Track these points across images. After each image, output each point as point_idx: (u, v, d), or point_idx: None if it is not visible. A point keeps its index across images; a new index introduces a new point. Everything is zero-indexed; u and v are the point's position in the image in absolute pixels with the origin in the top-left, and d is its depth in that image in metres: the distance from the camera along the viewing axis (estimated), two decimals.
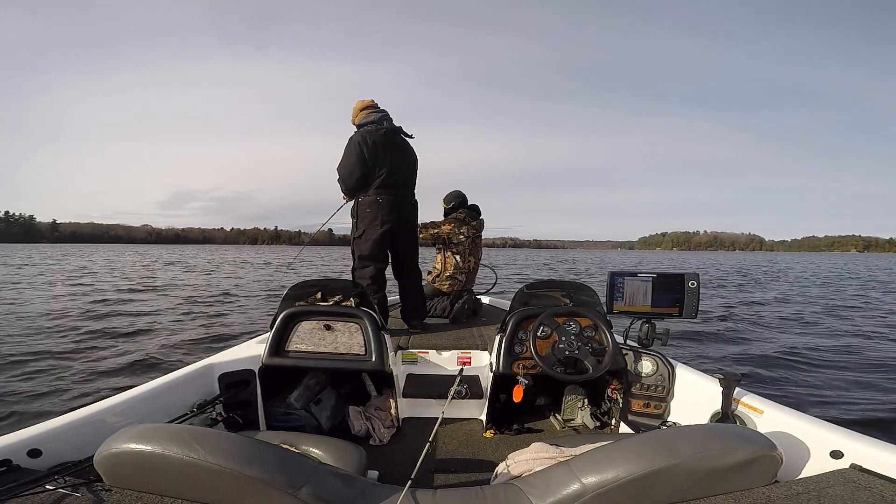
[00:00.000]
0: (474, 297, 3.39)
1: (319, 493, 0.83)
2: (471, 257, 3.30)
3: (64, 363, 4.61)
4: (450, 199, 3.44)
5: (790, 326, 7.48)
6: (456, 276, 3.26)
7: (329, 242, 34.61)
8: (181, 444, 0.80)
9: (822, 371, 4.81)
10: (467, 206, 3.44)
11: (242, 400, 1.89)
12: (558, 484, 0.88)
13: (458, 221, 3.31)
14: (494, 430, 2.12)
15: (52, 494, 0.84)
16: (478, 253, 3.35)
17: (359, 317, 1.99)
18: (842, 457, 1.12)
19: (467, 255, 3.29)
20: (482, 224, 3.39)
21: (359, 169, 2.57)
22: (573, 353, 1.89)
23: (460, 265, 3.27)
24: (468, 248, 3.30)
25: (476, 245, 3.34)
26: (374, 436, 2.03)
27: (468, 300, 3.20)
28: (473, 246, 3.32)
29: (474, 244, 3.33)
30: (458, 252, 3.27)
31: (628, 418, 1.94)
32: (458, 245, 3.27)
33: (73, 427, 1.21)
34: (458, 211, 3.37)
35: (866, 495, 0.86)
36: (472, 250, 3.32)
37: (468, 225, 3.32)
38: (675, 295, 1.87)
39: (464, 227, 3.30)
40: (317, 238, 3.84)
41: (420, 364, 2.35)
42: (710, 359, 5.27)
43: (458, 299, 3.17)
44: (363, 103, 2.75)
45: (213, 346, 5.53)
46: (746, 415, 1.47)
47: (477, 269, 3.40)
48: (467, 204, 3.45)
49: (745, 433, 0.94)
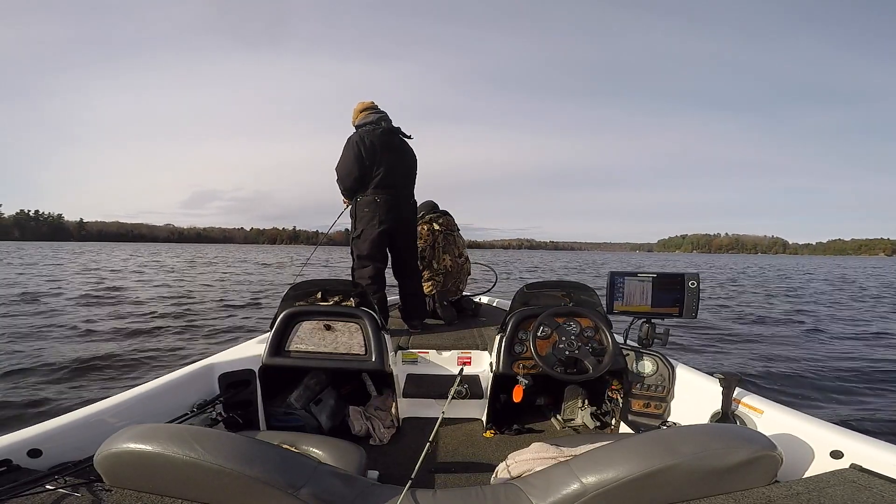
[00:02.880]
0: (464, 298, 3.39)
1: (319, 493, 0.83)
2: (444, 255, 3.30)
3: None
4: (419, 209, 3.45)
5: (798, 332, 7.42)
6: (434, 277, 3.28)
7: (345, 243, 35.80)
8: (181, 444, 0.80)
9: (823, 371, 4.82)
10: (437, 211, 3.46)
11: (242, 400, 1.89)
12: (558, 484, 0.88)
13: (421, 222, 3.32)
14: (494, 430, 2.12)
15: (52, 494, 0.84)
16: (452, 251, 3.34)
17: (359, 317, 1.99)
18: (842, 457, 1.12)
19: (441, 255, 3.29)
20: (449, 221, 3.38)
21: (356, 168, 2.58)
22: (573, 354, 1.89)
23: (434, 266, 3.28)
24: (441, 246, 3.31)
25: (449, 243, 3.33)
26: (375, 436, 2.03)
27: (457, 301, 3.20)
28: (446, 243, 3.32)
29: (447, 241, 3.33)
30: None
31: (628, 418, 1.94)
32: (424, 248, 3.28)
33: (74, 427, 1.21)
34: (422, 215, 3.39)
35: (866, 495, 0.86)
36: (446, 248, 3.31)
37: (429, 224, 3.32)
38: (676, 295, 1.87)
39: (425, 226, 3.31)
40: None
41: (420, 364, 2.35)
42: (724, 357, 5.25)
43: (444, 299, 3.17)
44: (363, 105, 2.77)
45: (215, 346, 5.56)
46: (746, 415, 1.47)
47: (458, 266, 3.37)
48: (437, 209, 3.47)
49: (746, 433, 0.94)
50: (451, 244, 3.34)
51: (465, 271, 3.44)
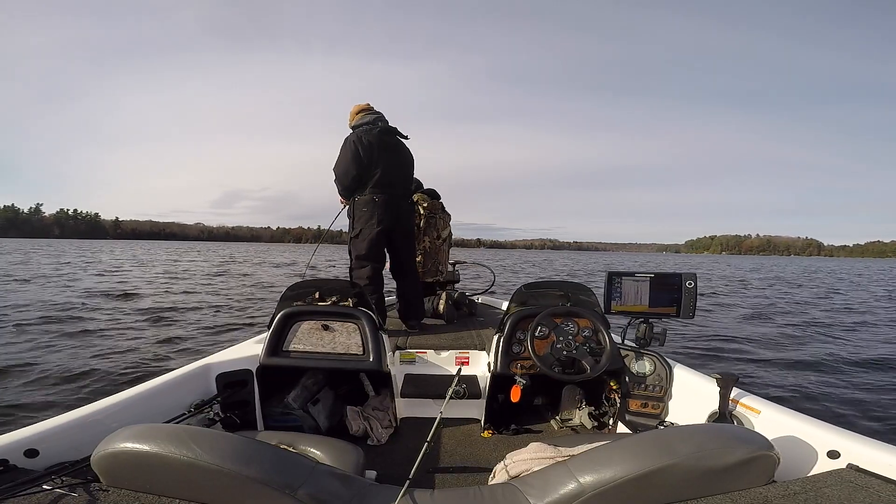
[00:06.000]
0: (454, 294, 3.37)
1: (317, 493, 0.83)
2: (425, 237, 3.28)
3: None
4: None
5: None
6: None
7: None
8: (178, 444, 0.80)
9: (823, 371, 4.83)
10: (422, 190, 3.43)
11: (240, 400, 1.89)
12: (556, 484, 0.88)
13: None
14: (492, 431, 2.12)
15: (49, 494, 0.83)
16: (432, 233, 3.31)
17: (357, 317, 1.99)
18: (839, 457, 1.13)
19: (421, 236, 3.27)
20: (434, 205, 3.35)
21: (354, 167, 2.58)
22: (571, 354, 1.89)
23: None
24: (423, 228, 3.29)
25: (430, 225, 3.31)
26: (373, 436, 2.02)
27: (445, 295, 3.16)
28: (427, 226, 3.30)
29: (428, 224, 3.31)
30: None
31: (626, 418, 1.94)
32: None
33: (70, 427, 1.20)
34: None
35: (863, 495, 0.86)
36: (427, 230, 3.29)
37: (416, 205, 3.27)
38: (673, 294, 1.88)
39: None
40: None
41: (418, 364, 2.35)
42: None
43: (448, 299, 3.14)
44: (359, 107, 2.78)
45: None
46: (744, 415, 1.47)
47: (437, 248, 3.34)
48: (423, 188, 3.44)
49: (743, 433, 0.94)
50: (432, 227, 3.33)
51: (443, 252, 3.42)
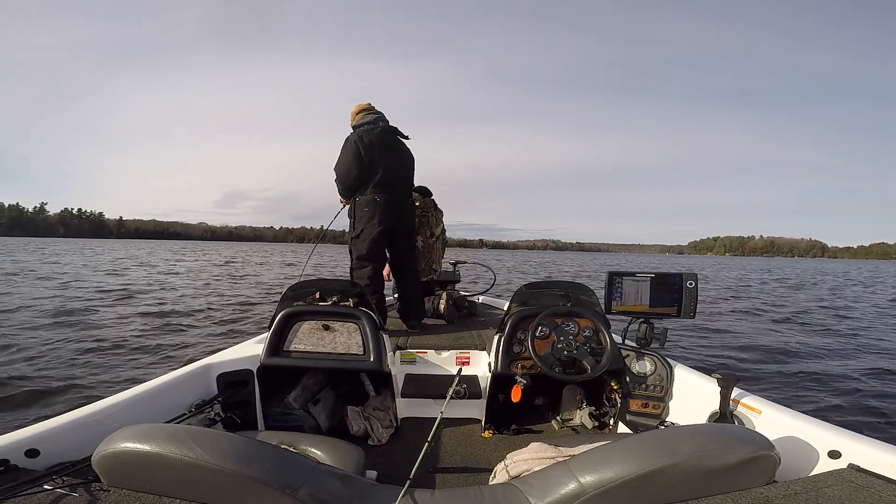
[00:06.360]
0: (461, 297, 3.38)
1: (318, 493, 0.83)
2: (417, 236, 3.28)
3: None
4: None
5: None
6: None
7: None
8: (179, 444, 0.80)
9: (824, 371, 4.82)
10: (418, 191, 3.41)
11: (241, 400, 1.89)
12: (557, 484, 0.88)
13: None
14: (493, 430, 2.12)
15: (49, 494, 0.83)
16: (424, 231, 3.30)
17: (357, 317, 1.99)
18: (839, 457, 1.13)
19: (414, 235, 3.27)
20: (427, 203, 3.34)
21: (356, 167, 2.57)
22: (572, 354, 1.89)
23: None
24: (415, 227, 3.27)
25: (422, 224, 3.29)
26: (373, 436, 2.02)
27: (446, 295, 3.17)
28: (419, 225, 3.28)
29: (420, 223, 3.28)
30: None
31: (627, 418, 1.94)
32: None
33: (71, 427, 1.20)
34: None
35: (864, 495, 0.86)
36: (419, 230, 3.27)
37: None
38: (674, 294, 1.88)
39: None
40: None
41: (419, 364, 2.35)
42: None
43: (450, 299, 3.14)
44: (360, 106, 2.78)
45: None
46: (744, 415, 1.47)
47: (429, 246, 3.32)
48: (417, 190, 3.42)
49: (744, 433, 0.94)
50: (425, 225, 3.33)
51: (436, 251, 3.41)
